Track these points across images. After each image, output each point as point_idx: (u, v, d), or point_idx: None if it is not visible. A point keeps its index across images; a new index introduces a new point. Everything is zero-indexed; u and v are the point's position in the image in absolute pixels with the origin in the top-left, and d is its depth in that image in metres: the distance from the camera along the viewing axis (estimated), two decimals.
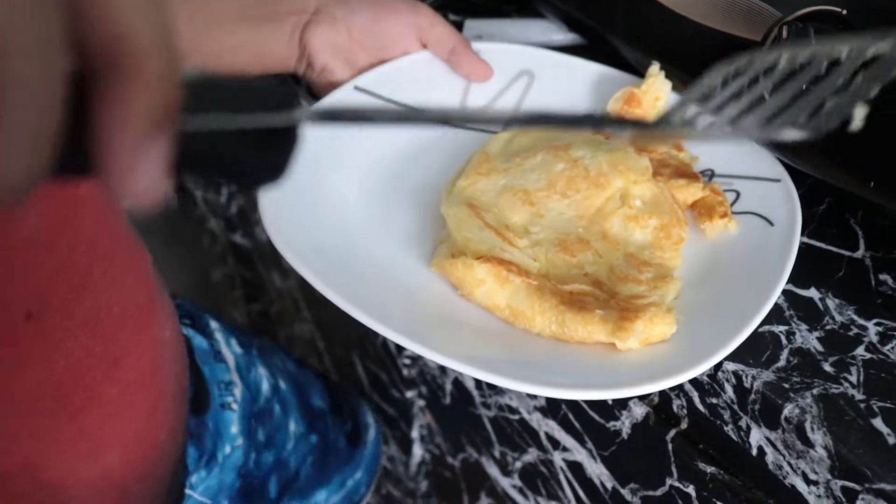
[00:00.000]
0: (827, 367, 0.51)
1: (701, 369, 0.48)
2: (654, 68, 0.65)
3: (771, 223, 0.57)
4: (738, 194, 0.61)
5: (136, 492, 0.52)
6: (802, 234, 0.60)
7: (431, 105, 0.67)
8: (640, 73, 0.67)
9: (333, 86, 0.67)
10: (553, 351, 0.51)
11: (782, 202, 0.59)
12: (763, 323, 0.54)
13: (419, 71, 0.68)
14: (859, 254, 0.59)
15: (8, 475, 0.42)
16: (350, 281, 0.51)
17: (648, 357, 0.50)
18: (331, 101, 0.64)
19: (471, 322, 0.52)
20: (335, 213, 0.57)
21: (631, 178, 0.58)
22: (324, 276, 0.50)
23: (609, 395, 0.47)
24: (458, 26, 0.79)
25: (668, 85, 0.65)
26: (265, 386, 0.68)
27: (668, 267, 0.55)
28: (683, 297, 0.54)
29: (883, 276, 0.57)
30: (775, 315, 0.54)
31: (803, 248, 0.59)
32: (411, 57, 0.68)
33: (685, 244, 0.57)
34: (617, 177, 0.58)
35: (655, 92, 0.65)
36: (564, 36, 0.76)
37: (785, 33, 0.56)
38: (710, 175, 0.63)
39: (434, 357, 0.47)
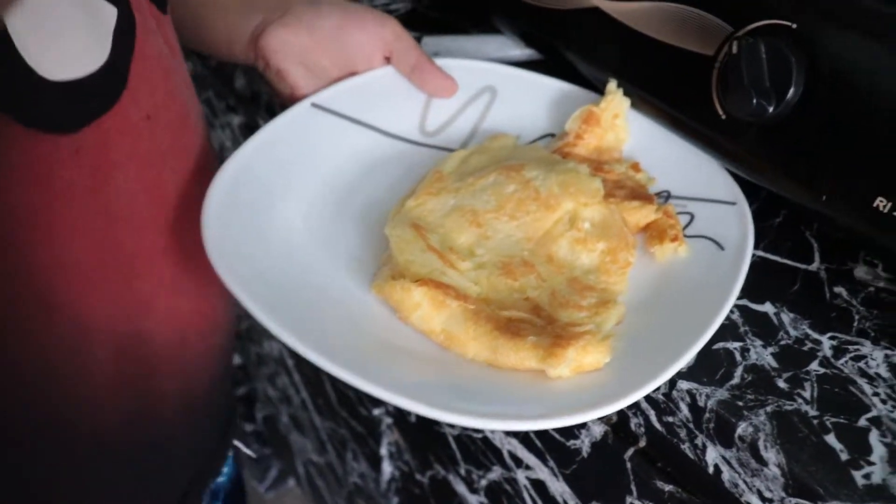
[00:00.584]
0: (781, 384, 0.51)
1: (632, 399, 0.46)
2: (612, 85, 0.65)
3: (721, 247, 0.57)
4: (692, 217, 0.60)
5: (194, 348, 0.63)
6: (757, 247, 0.60)
7: (389, 122, 0.66)
8: (599, 89, 0.67)
9: (288, 88, 0.67)
10: (485, 378, 0.50)
11: (735, 226, 0.58)
12: (717, 339, 0.54)
13: (379, 87, 0.67)
14: (814, 266, 0.59)
15: (119, 267, 0.55)
16: (289, 305, 0.50)
17: (580, 386, 0.48)
18: (285, 119, 0.63)
19: (406, 347, 0.51)
20: (282, 234, 0.57)
21: (581, 201, 0.57)
22: (262, 300, 0.49)
23: (534, 426, 0.46)
24: (417, 41, 0.79)
25: (626, 102, 0.64)
26: None
27: (613, 292, 0.55)
28: (626, 322, 0.53)
29: (837, 289, 0.57)
30: (730, 331, 0.54)
31: (758, 263, 0.59)
32: (371, 74, 0.67)
33: (634, 268, 0.57)
34: (567, 199, 0.57)
35: (614, 109, 0.64)
36: (522, 51, 0.76)
37: (735, 48, 0.56)
38: (666, 196, 0.63)
39: (356, 383, 0.45)
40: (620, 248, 0.56)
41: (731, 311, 0.56)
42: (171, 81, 0.57)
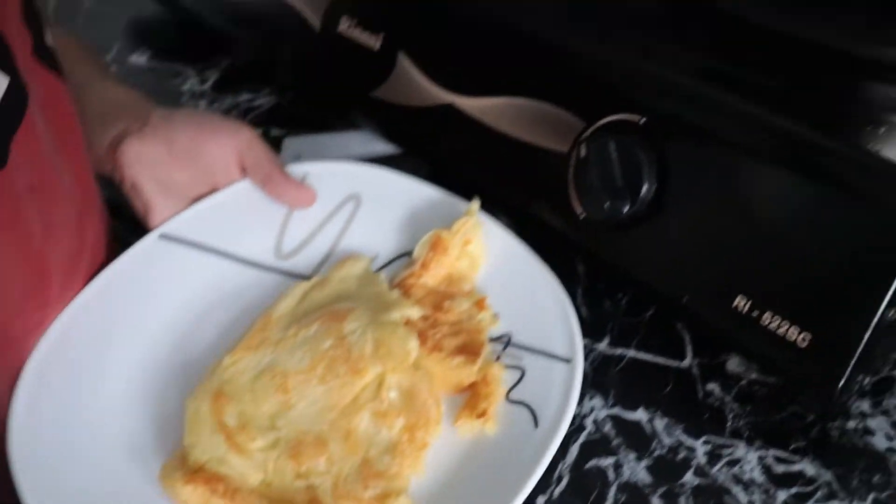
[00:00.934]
0: (655, 502, 0.49)
1: None
2: (475, 205, 0.61)
3: (536, 423, 0.51)
4: (523, 374, 0.54)
5: None
6: (629, 346, 0.59)
7: (244, 246, 0.63)
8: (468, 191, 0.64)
9: (142, 205, 0.63)
10: None
11: (560, 394, 0.52)
12: (591, 457, 0.52)
13: (235, 206, 0.64)
14: (687, 362, 0.58)
15: None
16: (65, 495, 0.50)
17: None
18: (131, 255, 0.61)
19: None
20: (89, 401, 0.55)
21: (389, 366, 0.53)
22: (32, 486, 0.49)
23: None
24: (280, 140, 0.77)
25: (480, 227, 0.61)
26: None
27: (403, 478, 0.50)
28: None
29: (710, 386, 0.56)
30: (602, 446, 0.53)
31: (631, 364, 0.58)
32: (226, 192, 0.64)
33: (442, 441, 0.52)
34: (377, 362, 0.53)
35: (465, 234, 0.60)
36: (386, 146, 0.74)
37: (584, 151, 0.55)
38: (506, 342, 0.57)
39: None
40: (420, 426, 0.52)
41: (604, 423, 0.54)
42: (63, 154, 0.56)
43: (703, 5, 0.61)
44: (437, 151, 0.67)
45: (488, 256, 0.61)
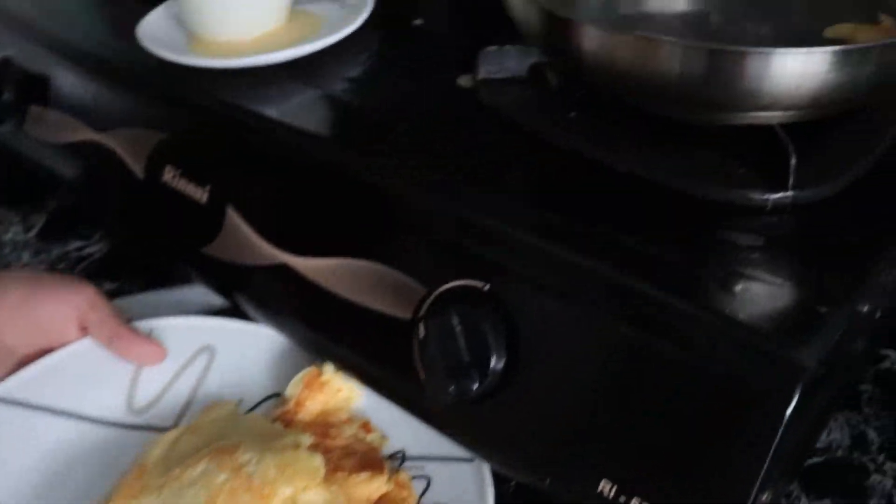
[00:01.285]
0: None
1: None
2: (329, 368, 0.59)
3: None
4: (429, 481, 0.55)
5: None
6: None
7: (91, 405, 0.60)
8: None
9: None
10: None
11: (473, 487, 0.53)
12: None
13: (77, 364, 0.60)
14: None
15: None
16: None
17: None
18: None
19: None
20: None
21: (300, 485, 0.51)
22: None
23: None
24: (116, 293, 0.70)
25: (347, 379, 0.59)
26: None
27: None
28: None
29: None
30: None
31: None
32: (67, 349, 0.60)
33: None
34: (284, 484, 0.51)
35: (337, 384, 0.59)
36: (225, 301, 0.68)
37: (422, 332, 0.50)
38: (401, 458, 0.57)
39: None
40: None
41: None
42: None
43: (542, 146, 0.58)
44: (276, 313, 0.61)
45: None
